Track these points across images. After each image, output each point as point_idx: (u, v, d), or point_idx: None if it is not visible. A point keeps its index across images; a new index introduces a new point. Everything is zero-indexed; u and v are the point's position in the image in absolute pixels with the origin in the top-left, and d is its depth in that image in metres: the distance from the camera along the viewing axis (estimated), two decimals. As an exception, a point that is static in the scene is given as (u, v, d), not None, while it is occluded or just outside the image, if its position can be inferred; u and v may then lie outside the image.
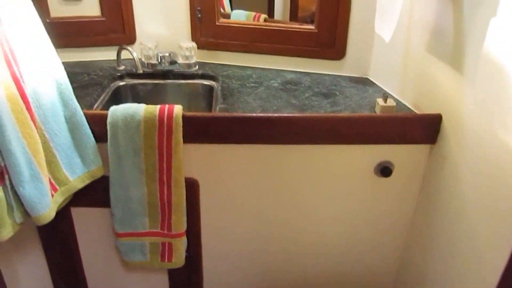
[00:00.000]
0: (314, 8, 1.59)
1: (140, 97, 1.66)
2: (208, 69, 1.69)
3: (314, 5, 1.57)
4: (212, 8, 1.66)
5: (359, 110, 1.36)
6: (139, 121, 1.18)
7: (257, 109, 1.36)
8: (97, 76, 1.59)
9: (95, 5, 1.66)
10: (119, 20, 1.68)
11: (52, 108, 1.11)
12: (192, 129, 1.22)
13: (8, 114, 0.96)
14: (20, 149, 0.99)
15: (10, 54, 0.99)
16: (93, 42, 1.71)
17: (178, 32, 1.72)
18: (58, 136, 1.13)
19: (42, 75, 1.08)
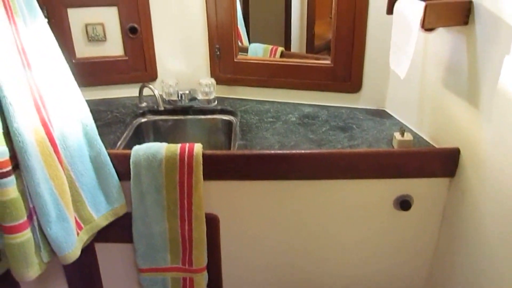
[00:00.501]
0: (329, 36, 1.62)
1: (161, 133, 1.70)
2: (227, 104, 1.73)
3: (330, 33, 1.60)
4: (230, 46, 1.71)
5: (377, 144, 1.37)
6: (161, 160, 1.22)
7: (275, 145, 1.38)
8: (120, 113, 1.65)
9: (119, 45, 1.73)
10: (141, 59, 1.75)
11: (78, 149, 1.16)
12: (212, 166, 1.25)
13: (37, 157, 1.00)
14: (48, 190, 1.03)
15: (39, 99, 1.04)
16: (117, 80, 1.77)
17: (198, 68, 1.77)
18: (83, 176, 1.17)
19: (69, 117, 1.14)
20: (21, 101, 0.96)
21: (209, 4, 1.66)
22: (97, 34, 1.69)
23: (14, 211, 0.97)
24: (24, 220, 1.00)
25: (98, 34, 1.69)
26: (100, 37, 1.70)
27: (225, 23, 1.67)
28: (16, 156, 0.98)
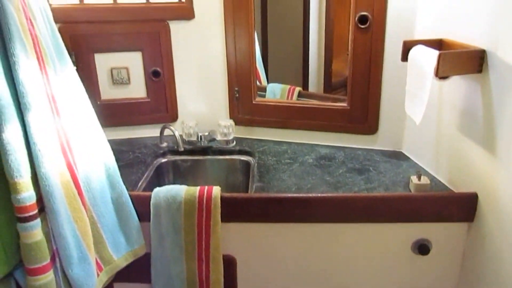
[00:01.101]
0: (346, 73, 1.65)
1: (181, 173, 1.74)
2: (245, 144, 1.76)
3: (347, 70, 1.64)
4: (249, 88, 1.76)
5: (394, 187, 1.38)
6: (180, 202, 1.24)
7: (292, 187, 1.40)
8: (142, 153, 1.70)
9: (142, 87, 1.80)
10: (163, 100, 1.81)
11: (101, 191, 1.20)
12: (230, 208, 1.27)
13: (62, 200, 1.04)
14: (71, 232, 1.06)
15: (66, 144, 1.09)
16: (139, 121, 1.84)
17: (217, 110, 1.83)
18: (105, 217, 1.20)
19: (93, 160, 1.18)
20: (49, 147, 1.01)
21: (228, 49, 1.73)
22: (122, 77, 1.77)
23: (38, 253, 1.00)
24: (48, 262, 1.02)
25: (122, 77, 1.77)
26: (125, 80, 1.78)
27: (244, 67, 1.73)
28: (42, 199, 1.02)
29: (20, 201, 0.96)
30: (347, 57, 1.65)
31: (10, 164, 0.94)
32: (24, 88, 0.96)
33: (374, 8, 1.49)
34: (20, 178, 0.95)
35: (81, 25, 1.68)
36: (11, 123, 0.94)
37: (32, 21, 1.04)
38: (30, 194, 0.98)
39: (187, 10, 1.69)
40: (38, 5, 1.10)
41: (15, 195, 0.96)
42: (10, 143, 0.94)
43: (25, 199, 0.97)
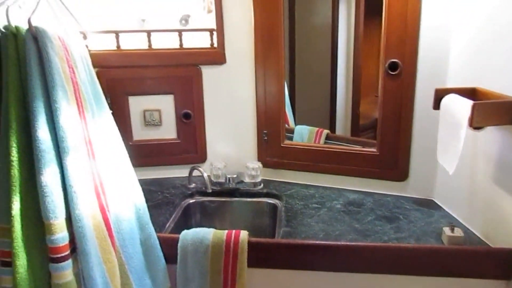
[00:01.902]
0: (374, 115, 1.65)
1: (208, 214, 1.75)
2: (272, 187, 1.76)
3: (375, 111, 1.63)
4: (277, 131, 1.78)
5: (424, 238, 1.34)
6: (207, 246, 1.24)
7: (319, 234, 1.38)
8: (170, 194, 1.72)
9: (173, 129, 1.85)
10: (193, 142, 1.85)
11: (130, 232, 1.21)
12: (256, 254, 1.26)
13: (93, 242, 1.06)
14: (100, 273, 1.07)
15: (99, 186, 1.12)
16: (169, 161, 1.87)
17: (246, 152, 1.85)
18: (133, 259, 1.21)
19: (125, 202, 1.21)
20: (84, 189, 1.04)
21: (258, 93, 1.76)
22: (154, 119, 1.83)
23: (68, 294, 1.01)
24: (76, 303, 1.03)
25: (154, 119, 1.83)
26: (156, 122, 1.83)
27: (273, 110, 1.76)
28: (74, 240, 1.04)
29: (54, 241, 0.98)
30: (375, 98, 1.65)
31: (47, 205, 0.97)
32: (64, 133, 1.00)
33: (404, 55, 1.50)
34: (55, 220, 0.98)
35: (117, 69, 1.76)
36: (50, 167, 0.98)
37: (73, 69, 1.09)
38: (63, 235, 1.00)
39: (219, 55, 1.75)
40: (79, 53, 1.17)
41: (49, 236, 0.98)
42: (48, 186, 0.97)
43: (58, 240, 0.99)
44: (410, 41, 1.48)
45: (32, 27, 0.98)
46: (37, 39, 0.98)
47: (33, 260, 1.01)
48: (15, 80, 0.99)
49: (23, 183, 0.99)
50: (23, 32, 0.99)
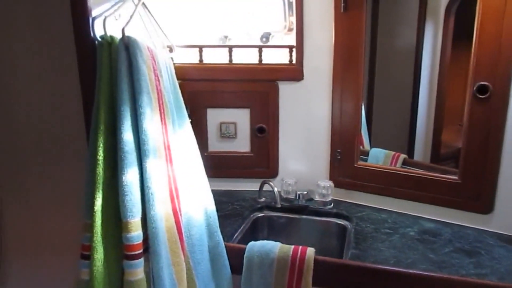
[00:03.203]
0: (457, 144, 1.55)
1: (275, 229, 1.74)
2: (342, 208, 1.72)
3: (458, 141, 1.54)
4: (352, 151, 1.74)
5: (509, 277, 1.22)
6: (273, 259, 1.24)
7: (390, 260, 1.31)
8: (240, 206, 1.74)
9: (247, 142, 1.88)
10: (265, 156, 1.87)
11: (199, 239, 1.25)
12: (322, 273, 1.23)
13: (165, 243, 1.10)
14: (169, 275, 1.11)
15: (174, 190, 1.17)
16: (241, 174, 1.91)
17: (317, 170, 1.82)
18: (200, 265, 1.24)
19: (196, 208, 1.24)
20: (160, 192, 1.09)
21: (334, 111, 1.74)
22: (229, 131, 1.87)
23: (138, 291, 1.05)
24: (144, 302, 1.08)
25: (230, 132, 1.87)
26: (231, 135, 1.87)
27: (349, 129, 1.73)
28: (147, 240, 1.09)
29: (129, 239, 1.04)
30: (458, 127, 1.56)
31: (126, 204, 1.03)
32: (146, 137, 1.06)
33: (496, 78, 1.40)
34: (132, 218, 1.04)
35: (198, 82, 1.83)
36: (131, 168, 1.04)
37: (159, 78, 1.16)
38: (138, 234, 1.05)
39: (297, 72, 1.77)
40: (165, 64, 1.24)
41: (125, 233, 1.04)
42: (128, 185, 1.04)
43: (133, 238, 1.04)
44: (503, 62, 1.38)
45: (125, 37, 1.06)
46: (128, 48, 1.06)
47: (109, 255, 1.08)
48: (106, 85, 1.07)
49: (106, 181, 1.06)
50: (116, 41, 1.08)
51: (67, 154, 1.34)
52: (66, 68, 1.22)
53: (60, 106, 1.30)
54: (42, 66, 1.28)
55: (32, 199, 1.41)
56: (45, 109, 1.31)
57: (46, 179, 1.38)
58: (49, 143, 1.34)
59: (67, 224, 1.38)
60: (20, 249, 1.46)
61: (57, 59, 1.25)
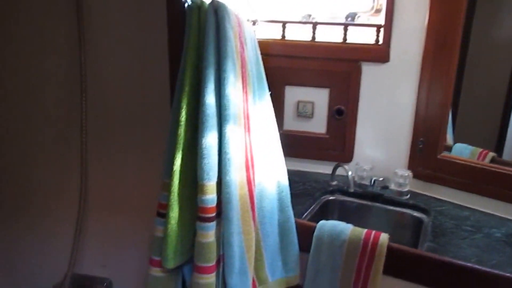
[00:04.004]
0: None
1: (345, 214, 1.69)
2: (420, 200, 1.63)
3: None
4: (436, 141, 1.64)
5: None
6: (344, 241, 1.20)
7: (471, 258, 1.22)
8: (311, 187, 1.71)
9: (323, 124, 1.84)
10: (341, 140, 1.81)
11: (270, 211, 1.24)
12: (394, 261, 1.17)
13: (237, 210, 1.10)
14: (238, 243, 1.11)
15: (250, 159, 1.16)
16: (314, 155, 1.87)
17: (395, 158, 1.74)
18: (269, 238, 1.23)
19: (270, 180, 1.23)
20: (236, 159, 1.09)
21: (420, 98, 1.64)
22: (306, 111, 1.84)
23: (208, 253, 1.07)
24: (213, 265, 1.09)
25: (306, 111, 1.84)
26: (308, 114, 1.84)
27: (435, 118, 1.62)
28: (220, 205, 1.10)
29: (204, 202, 1.05)
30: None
31: (203, 167, 1.04)
32: (228, 102, 1.06)
33: None
34: (208, 181, 1.05)
35: (278, 58, 1.81)
36: (211, 131, 1.05)
37: (244, 46, 1.15)
38: (212, 197, 1.06)
39: (382, 53, 1.68)
40: (250, 35, 1.23)
41: (201, 195, 1.06)
42: (207, 149, 1.04)
43: (208, 201, 1.05)
44: None
45: (214, 1, 1.06)
46: (217, 12, 1.06)
47: (183, 215, 1.10)
48: (193, 47, 1.08)
49: (186, 143, 1.08)
50: (206, 6, 1.08)
51: (151, 116, 1.38)
52: (155, 31, 1.25)
53: (147, 69, 1.34)
54: (132, 29, 1.32)
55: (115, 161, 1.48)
56: (132, 73, 1.36)
57: (130, 141, 1.44)
58: (135, 105, 1.39)
59: (146, 184, 1.44)
60: (101, 205, 1.54)
61: (147, 22, 1.29)
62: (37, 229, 1.65)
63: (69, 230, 1.53)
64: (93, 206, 1.54)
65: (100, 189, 1.52)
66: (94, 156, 1.48)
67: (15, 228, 1.67)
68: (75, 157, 1.47)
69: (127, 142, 1.44)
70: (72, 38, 1.36)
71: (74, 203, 1.50)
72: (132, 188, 1.48)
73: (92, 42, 1.36)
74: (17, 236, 1.68)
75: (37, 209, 1.62)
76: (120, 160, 1.47)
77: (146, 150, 1.42)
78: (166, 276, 1.17)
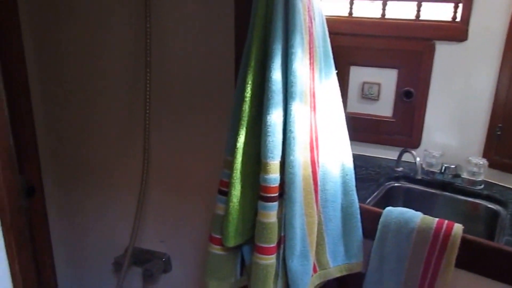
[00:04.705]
0: None
1: (411, 202, 1.60)
2: (496, 191, 1.50)
3: None
4: (516, 127, 1.50)
5: None
6: (413, 229, 1.13)
7: (559, 255, 1.10)
8: (375, 172, 1.63)
9: (389, 106, 1.74)
10: (409, 124, 1.71)
11: (333, 194, 1.18)
12: (468, 254, 1.09)
13: (300, 191, 1.06)
14: (300, 225, 1.08)
15: (314, 140, 1.12)
16: (378, 140, 1.78)
17: (469, 146, 1.62)
18: (331, 222, 1.18)
19: (334, 163, 1.18)
20: (301, 138, 1.05)
21: (501, 81, 1.50)
22: (372, 93, 1.75)
23: (269, 234, 1.04)
24: (274, 246, 1.06)
25: (372, 93, 1.75)
26: (374, 96, 1.75)
27: (516, 103, 1.48)
28: (283, 185, 1.06)
29: (266, 181, 1.02)
30: None
31: (267, 145, 1.01)
32: (295, 79, 1.01)
33: None
34: (272, 160, 1.01)
35: (344, 37, 1.73)
36: (276, 108, 1.01)
37: (312, 20, 1.10)
38: (276, 176, 1.03)
39: (460, 31, 1.55)
40: (318, 9, 1.17)
41: (263, 174, 1.03)
42: (271, 126, 1.01)
43: (271, 180, 1.02)
44: None
45: (284, -29, 1.01)
46: (286, -17, 1.01)
47: (245, 193, 1.08)
48: (261, 21, 1.04)
49: (250, 119, 1.05)
50: (274, -24, 1.04)
51: (215, 92, 1.37)
52: (221, 3, 1.22)
53: (212, 42, 1.32)
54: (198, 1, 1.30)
55: (177, 136, 1.49)
56: (196, 46, 1.35)
57: (192, 116, 1.44)
58: (199, 80, 1.39)
59: (207, 160, 1.43)
60: (162, 181, 1.57)
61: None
62: (101, 204, 1.71)
63: (131, 205, 1.57)
64: (154, 181, 1.57)
65: (161, 165, 1.53)
66: (156, 132, 1.49)
67: (80, 202, 1.74)
68: (139, 133, 1.49)
69: (190, 117, 1.44)
70: (139, 10, 1.37)
71: (137, 178, 1.53)
72: (193, 165, 1.48)
73: (158, 15, 1.36)
74: (82, 210, 1.75)
75: (102, 183, 1.67)
76: (182, 136, 1.48)
77: (209, 126, 1.42)
78: (225, 254, 1.17)
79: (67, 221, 1.80)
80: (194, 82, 1.39)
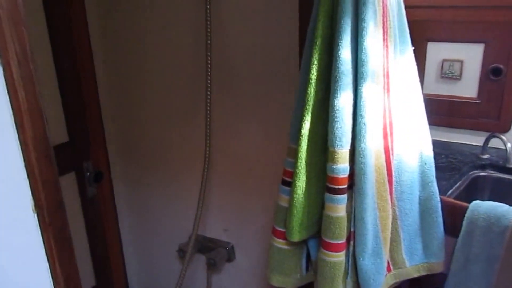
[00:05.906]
0: None
1: (500, 195, 1.41)
2: None
3: None
4: None
5: None
6: (506, 227, 0.98)
7: None
8: (456, 160, 1.47)
9: (473, 86, 1.55)
10: (497, 105, 1.51)
11: (410, 186, 1.06)
12: None
13: (372, 183, 0.96)
14: (372, 220, 0.97)
15: (388, 125, 1.00)
16: (459, 124, 1.60)
17: None
18: (407, 216, 1.06)
19: (411, 151, 1.05)
20: (374, 123, 0.94)
21: None
22: (453, 71, 1.57)
23: (337, 229, 0.95)
24: (342, 242, 0.98)
25: (453, 72, 1.57)
26: (455, 75, 1.57)
27: None
28: (353, 176, 0.96)
29: (334, 171, 0.93)
30: None
31: (335, 131, 0.91)
32: (366, 57, 0.91)
33: None
34: (340, 148, 0.92)
35: (421, 10, 1.56)
36: (345, 91, 0.91)
37: (385, -10, 0.97)
38: (345, 166, 0.93)
39: None
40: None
41: (331, 164, 0.94)
42: (340, 111, 0.91)
43: (339, 171, 0.93)
44: None
45: None
46: (356, -51, 0.89)
47: (311, 184, 1.00)
48: (328, -7, 0.93)
49: (316, 104, 0.96)
50: None
51: (278, 74, 1.29)
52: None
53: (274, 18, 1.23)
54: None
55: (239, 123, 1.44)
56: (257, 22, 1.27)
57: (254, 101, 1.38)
58: (260, 61, 1.32)
59: (271, 148, 1.37)
60: (225, 169, 1.53)
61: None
62: (166, 191, 1.71)
63: (195, 193, 1.55)
64: (217, 169, 1.54)
65: (224, 152, 1.49)
66: (217, 119, 1.45)
67: (147, 187, 1.76)
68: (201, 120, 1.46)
69: (252, 102, 1.39)
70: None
71: (200, 166, 1.50)
72: (256, 153, 1.42)
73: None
74: (148, 197, 1.77)
75: (167, 170, 1.67)
76: (244, 122, 1.42)
77: (272, 112, 1.34)
78: (290, 249, 1.10)
79: (133, 206, 1.83)
80: (256, 63, 1.32)
